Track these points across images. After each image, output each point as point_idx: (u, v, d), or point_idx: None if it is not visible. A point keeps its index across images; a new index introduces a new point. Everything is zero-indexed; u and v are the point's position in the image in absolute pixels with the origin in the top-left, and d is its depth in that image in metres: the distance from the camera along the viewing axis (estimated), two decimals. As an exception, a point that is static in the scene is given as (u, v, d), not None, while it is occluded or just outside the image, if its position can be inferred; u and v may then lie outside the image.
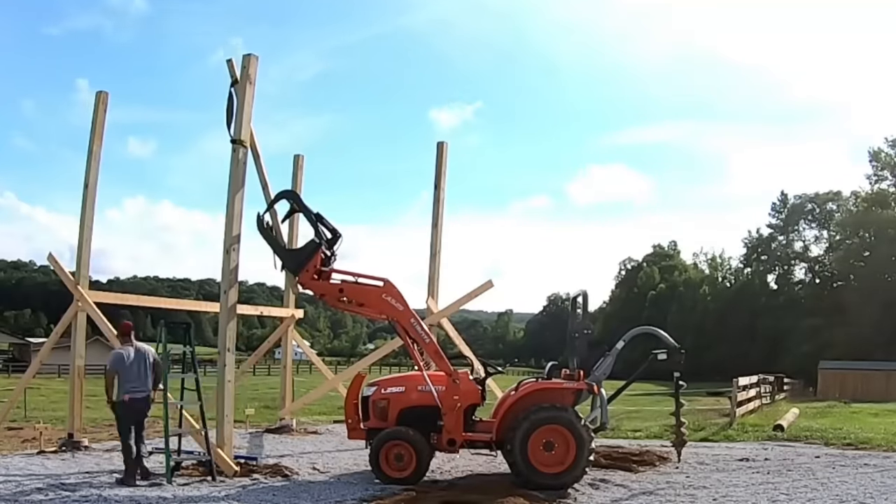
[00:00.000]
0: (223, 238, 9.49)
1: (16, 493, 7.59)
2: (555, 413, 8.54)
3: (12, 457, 9.86)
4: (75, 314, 10.93)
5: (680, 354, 9.51)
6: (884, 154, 70.75)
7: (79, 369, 11.01)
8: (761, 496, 8.03)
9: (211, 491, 8.06)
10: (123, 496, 7.58)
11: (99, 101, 11.22)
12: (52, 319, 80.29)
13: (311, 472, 9.53)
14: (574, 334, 9.35)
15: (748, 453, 11.42)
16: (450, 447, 8.94)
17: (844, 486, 8.54)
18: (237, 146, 9.62)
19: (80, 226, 11.10)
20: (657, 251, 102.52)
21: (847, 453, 11.56)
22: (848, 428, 15.03)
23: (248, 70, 9.68)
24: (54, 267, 11.58)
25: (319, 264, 9.30)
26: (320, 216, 9.53)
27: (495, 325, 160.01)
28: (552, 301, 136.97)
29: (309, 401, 15.51)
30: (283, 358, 15.15)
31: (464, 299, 13.10)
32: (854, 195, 75.03)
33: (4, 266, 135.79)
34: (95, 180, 11.16)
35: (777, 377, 29.45)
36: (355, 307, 9.51)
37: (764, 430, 14.59)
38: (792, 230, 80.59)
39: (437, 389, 8.96)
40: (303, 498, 7.78)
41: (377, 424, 9.02)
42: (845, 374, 42.86)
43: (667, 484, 8.83)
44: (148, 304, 15.65)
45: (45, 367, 28.57)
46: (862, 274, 67.29)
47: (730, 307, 77.66)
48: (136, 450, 8.45)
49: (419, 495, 7.88)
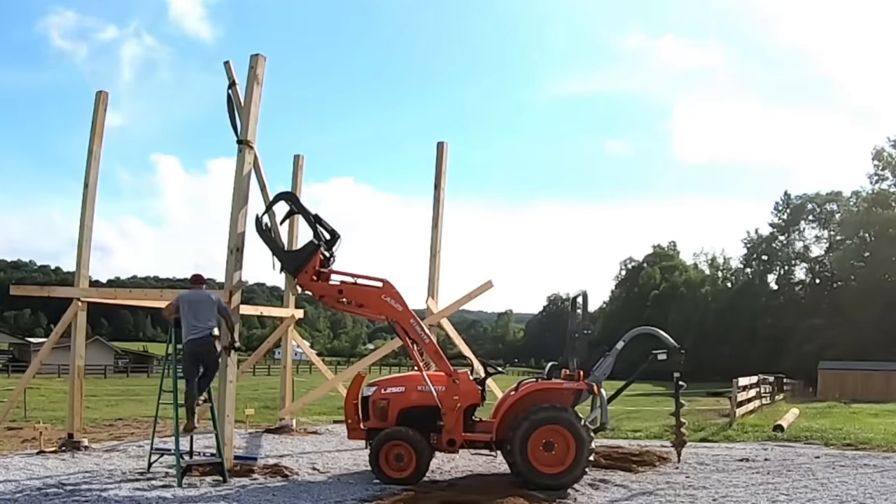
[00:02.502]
0: (227, 238, 9.53)
1: (16, 493, 7.58)
2: (555, 413, 8.55)
3: (12, 457, 9.85)
4: (75, 314, 10.93)
5: (680, 354, 9.51)
6: (886, 154, 70.81)
7: (79, 369, 11.01)
8: (761, 496, 8.03)
9: (211, 491, 8.06)
10: (123, 496, 7.58)
11: (99, 101, 11.23)
12: (52, 319, 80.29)
13: (310, 472, 9.52)
14: (574, 334, 9.35)
15: (748, 453, 11.42)
16: (450, 447, 8.95)
17: (844, 487, 8.53)
18: (243, 147, 9.63)
19: (80, 226, 11.10)
20: (657, 251, 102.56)
21: (847, 453, 11.55)
22: (848, 428, 15.03)
23: (256, 70, 9.69)
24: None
25: (318, 265, 9.31)
26: (319, 217, 9.54)
27: (495, 325, 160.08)
28: (552, 301, 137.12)
29: (309, 401, 15.51)
30: (282, 358, 15.14)
31: (464, 299, 13.09)
32: (855, 195, 75.16)
33: (4, 266, 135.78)
34: (95, 180, 11.17)
35: (777, 377, 29.44)
36: (355, 308, 9.52)
37: (764, 431, 14.59)
38: (793, 230, 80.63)
39: (437, 390, 8.97)
40: (302, 498, 7.78)
41: (377, 424, 9.02)
42: (845, 374, 42.85)
43: (667, 484, 8.83)
44: (148, 304, 15.64)
45: (45, 367, 28.62)
46: (862, 274, 67.32)
47: (730, 307, 77.73)
48: (193, 395, 8.67)
49: (419, 495, 7.87)
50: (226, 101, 9.89)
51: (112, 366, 54.57)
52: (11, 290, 11.74)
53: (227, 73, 9.95)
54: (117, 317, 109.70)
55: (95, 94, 11.30)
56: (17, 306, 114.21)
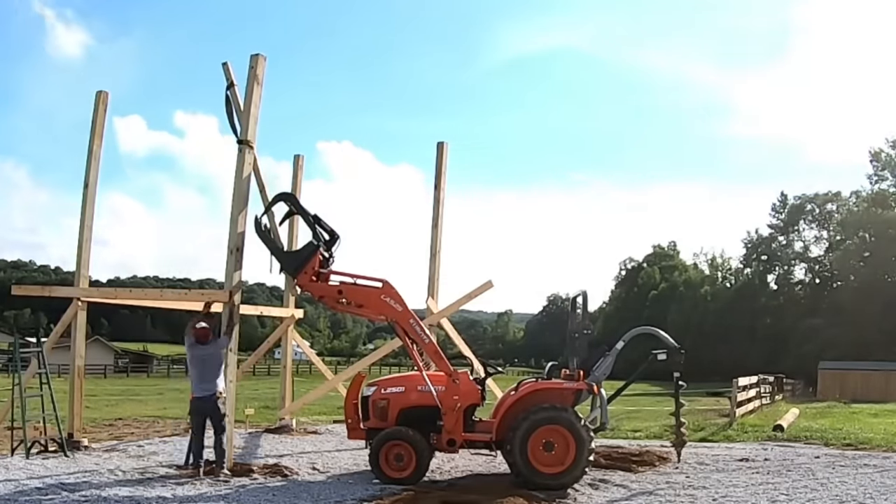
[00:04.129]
0: (227, 238, 9.53)
1: (16, 493, 7.59)
2: (555, 413, 8.55)
3: (12, 457, 9.84)
4: (75, 314, 10.93)
5: (680, 354, 9.51)
6: (884, 154, 70.89)
7: (79, 369, 11.02)
8: (761, 496, 8.04)
9: (211, 491, 8.06)
10: (123, 496, 7.59)
11: (99, 101, 11.22)
12: (52, 319, 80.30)
13: (310, 472, 9.53)
14: (574, 334, 9.35)
15: (748, 453, 11.42)
16: (450, 447, 8.95)
17: (844, 487, 8.54)
18: (243, 147, 9.64)
19: (80, 226, 11.10)
20: (657, 251, 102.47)
21: (847, 453, 11.55)
22: (848, 428, 15.03)
23: (256, 70, 9.69)
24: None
25: (318, 266, 9.30)
26: (318, 218, 9.53)
27: (495, 325, 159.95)
28: (552, 301, 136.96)
29: (309, 401, 15.49)
30: (282, 358, 15.14)
31: (464, 299, 13.09)
32: (854, 195, 75.18)
33: (4, 266, 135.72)
34: (95, 180, 11.17)
35: (777, 377, 29.46)
36: (354, 308, 9.52)
37: (764, 431, 14.59)
38: (792, 230, 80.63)
39: (437, 389, 8.97)
40: (302, 498, 7.78)
41: (377, 424, 9.02)
42: (845, 374, 42.85)
43: (666, 484, 8.83)
44: (148, 304, 15.65)
45: (44, 367, 28.54)
46: (862, 274, 67.27)
47: (730, 307, 77.65)
48: (200, 446, 8.98)
49: (419, 495, 7.88)
50: (224, 102, 9.90)
51: (112, 366, 54.55)
52: (12, 290, 11.73)
53: (225, 75, 9.95)
54: (117, 317, 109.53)
55: (95, 94, 11.29)
56: (18, 306, 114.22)
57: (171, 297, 12.80)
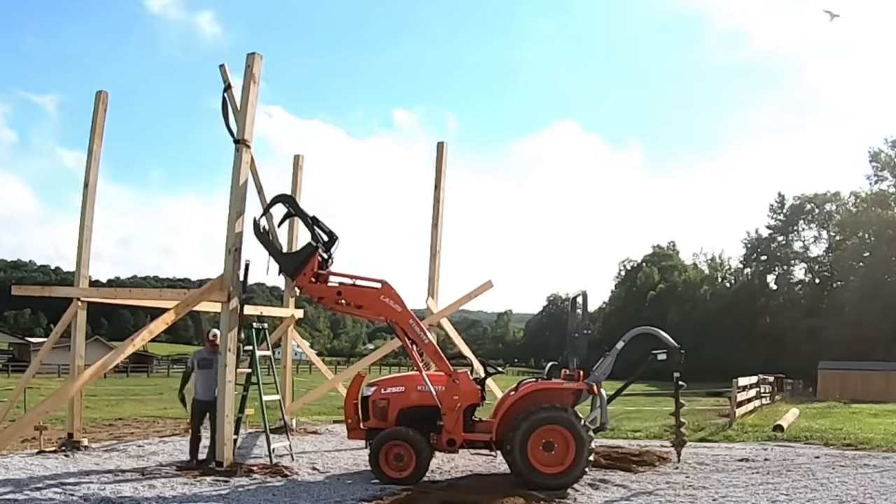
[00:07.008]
0: (225, 238, 9.52)
1: (16, 493, 7.59)
2: (555, 413, 8.54)
3: (12, 457, 9.84)
4: (75, 314, 10.93)
5: (680, 354, 9.51)
6: (884, 154, 70.92)
7: (78, 369, 10.98)
8: (761, 496, 8.04)
9: (211, 491, 8.06)
10: (123, 496, 7.58)
11: (99, 101, 11.22)
12: (52, 319, 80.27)
13: (310, 472, 9.52)
14: (574, 334, 9.36)
15: (748, 453, 11.42)
16: (449, 447, 8.94)
17: (844, 487, 8.54)
18: (240, 146, 9.63)
19: (80, 226, 11.10)
20: (657, 251, 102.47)
21: (847, 454, 11.55)
22: (848, 428, 15.04)
23: (253, 69, 9.68)
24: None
25: (317, 267, 9.30)
26: (316, 219, 9.53)
27: (495, 325, 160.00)
28: (552, 301, 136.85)
29: (309, 401, 15.50)
30: (282, 358, 15.13)
31: (463, 299, 13.10)
32: (854, 195, 75.22)
33: (4, 266, 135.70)
34: (95, 180, 11.17)
35: (777, 377, 29.50)
36: (354, 309, 9.52)
37: (763, 431, 14.59)
38: (791, 230, 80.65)
39: (437, 389, 8.97)
40: (302, 498, 7.78)
41: (377, 424, 9.02)
42: (845, 374, 42.84)
43: (666, 484, 8.83)
44: (148, 304, 15.64)
45: (44, 367, 28.63)
46: (862, 274, 67.34)
47: (729, 307, 77.72)
48: (197, 437, 9.68)
49: (419, 495, 7.87)
50: (220, 103, 9.90)
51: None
52: (13, 291, 11.73)
53: (222, 76, 9.95)
54: (117, 317, 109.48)
55: (95, 94, 11.29)
56: (17, 306, 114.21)
57: (170, 296, 12.78)
